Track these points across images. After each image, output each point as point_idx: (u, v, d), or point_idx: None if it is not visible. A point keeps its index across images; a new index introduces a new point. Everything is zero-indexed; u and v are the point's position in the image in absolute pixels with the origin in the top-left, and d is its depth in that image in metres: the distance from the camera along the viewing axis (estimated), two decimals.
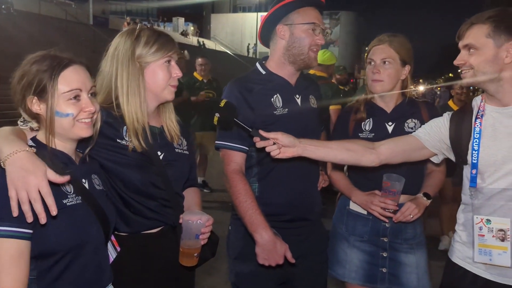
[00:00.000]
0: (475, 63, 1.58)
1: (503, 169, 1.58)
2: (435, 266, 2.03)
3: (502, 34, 1.54)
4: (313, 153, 1.70)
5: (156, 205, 1.64)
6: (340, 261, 2.13)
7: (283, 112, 1.88)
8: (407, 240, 2.06)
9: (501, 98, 1.61)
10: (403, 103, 2.11)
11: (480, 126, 1.66)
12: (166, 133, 1.73)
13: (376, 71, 2.04)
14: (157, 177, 1.64)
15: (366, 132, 2.09)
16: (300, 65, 1.92)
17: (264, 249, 1.75)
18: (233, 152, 1.86)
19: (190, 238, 1.56)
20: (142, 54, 1.62)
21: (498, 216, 1.59)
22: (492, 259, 1.59)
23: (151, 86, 1.64)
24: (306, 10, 1.89)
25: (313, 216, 2.01)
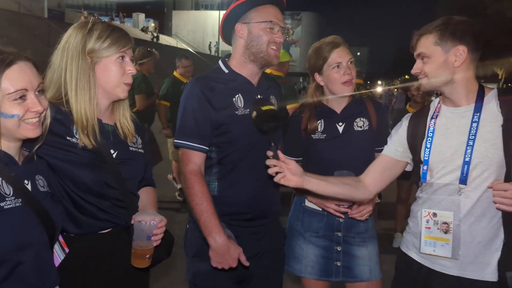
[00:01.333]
0: (428, 70, 1.68)
1: (450, 166, 1.68)
2: (390, 261, 2.12)
3: (448, 40, 1.63)
4: (315, 186, 1.73)
5: (108, 205, 1.60)
6: (296, 257, 2.16)
7: (244, 113, 1.87)
8: (359, 233, 2.13)
9: (455, 99, 1.71)
10: (351, 103, 2.17)
11: (434, 125, 1.76)
12: (119, 131, 1.68)
13: (349, 72, 2.07)
14: (110, 176, 1.59)
15: (318, 133, 2.13)
16: (261, 63, 1.91)
17: (218, 253, 1.74)
18: (192, 152, 1.83)
19: (142, 240, 1.53)
20: (94, 49, 1.56)
21: (442, 209, 1.68)
22: (436, 250, 1.69)
23: (102, 82, 1.59)
24: (264, 8, 1.88)
25: (272, 215, 2.02)
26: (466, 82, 1.67)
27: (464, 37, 1.63)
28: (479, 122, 1.63)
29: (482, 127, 1.63)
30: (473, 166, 1.62)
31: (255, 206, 1.93)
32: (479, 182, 1.62)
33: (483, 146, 1.61)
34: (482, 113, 1.64)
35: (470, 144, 1.63)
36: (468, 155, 1.63)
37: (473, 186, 1.63)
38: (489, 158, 1.60)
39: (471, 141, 1.63)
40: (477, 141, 1.62)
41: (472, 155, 1.62)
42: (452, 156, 1.68)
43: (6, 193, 1.26)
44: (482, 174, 1.61)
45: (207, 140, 1.84)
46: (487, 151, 1.60)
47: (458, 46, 1.63)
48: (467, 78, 1.67)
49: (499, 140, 1.59)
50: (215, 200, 1.84)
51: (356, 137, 2.11)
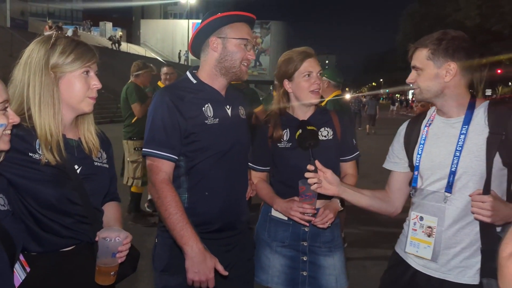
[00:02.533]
0: (420, 82, 1.77)
1: (438, 173, 1.76)
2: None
3: (441, 56, 1.71)
4: (350, 196, 1.89)
5: (71, 222, 1.57)
6: (263, 267, 2.18)
7: (214, 122, 1.89)
8: (325, 243, 2.17)
9: (446, 111, 1.79)
10: (316, 113, 2.23)
11: (426, 133, 1.85)
12: (84, 146, 1.66)
13: (318, 81, 2.13)
14: (73, 192, 1.57)
15: (284, 142, 2.17)
16: (232, 77, 1.94)
17: (194, 262, 1.72)
18: (162, 161, 1.82)
19: (107, 257, 1.51)
20: (57, 64, 1.55)
21: (429, 214, 1.77)
22: (419, 251, 1.79)
23: (66, 97, 1.58)
24: (239, 26, 1.92)
25: (241, 225, 2.03)
26: (457, 96, 1.74)
27: (456, 53, 1.69)
28: (466, 134, 1.70)
29: (469, 139, 1.69)
30: (458, 176, 1.69)
31: (226, 216, 1.94)
32: (463, 191, 1.69)
33: (468, 157, 1.68)
34: (471, 125, 1.71)
35: (457, 154, 1.70)
36: (454, 165, 1.70)
37: (458, 195, 1.70)
38: (472, 169, 1.67)
39: (458, 152, 1.70)
40: (463, 152, 1.69)
41: (458, 165, 1.69)
42: (440, 164, 1.76)
43: None
44: (467, 184, 1.68)
45: (177, 149, 1.84)
46: (472, 162, 1.67)
47: (449, 62, 1.70)
48: (457, 92, 1.74)
49: (483, 152, 1.65)
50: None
51: (321, 146, 2.14)
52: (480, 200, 1.55)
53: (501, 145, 1.63)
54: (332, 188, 1.81)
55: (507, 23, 28.55)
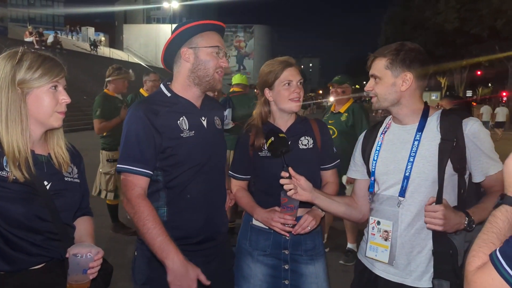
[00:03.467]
0: (378, 90, 1.83)
1: (392, 179, 1.81)
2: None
3: (398, 66, 1.78)
4: (322, 202, 1.95)
5: (41, 239, 1.53)
6: (245, 276, 2.16)
7: (189, 135, 1.87)
8: (307, 251, 2.15)
9: (401, 119, 1.86)
10: (296, 122, 2.23)
11: (382, 140, 1.91)
12: (53, 161, 1.62)
13: (298, 90, 2.13)
14: (43, 209, 1.52)
15: (265, 150, 2.16)
16: (206, 86, 1.93)
17: (177, 275, 1.69)
18: (137, 177, 1.80)
19: (78, 273, 1.48)
20: (24, 80, 1.51)
21: (385, 219, 1.81)
22: (377, 255, 1.83)
23: (35, 113, 1.54)
24: (209, 34, 1.92)
25: (221, 237, 2.01)
26: (411, 104, 1.82)
27: (412, 64, 1.77)
28: (420, 141, 1.77)
29: (422, 145, 1.76)
30: (411, 181, 1.75)
31: (206, 229, 1.92)
32: (416, 196, 1.74)
33: (421, 162, 1.74)
34: (424, 132, 1.78)
35: (410, 160, 1.76)
36: (408, 170, 1.76)
37: (411, 200, 1.75)
38: (425, 174, 1.72)
39: (411, 157, 1.76)
40: (417, 157, 1.75)
41: (412, 170, 1.75)
42: (394, 170, 1.81)
43: None
44: (420, 189, 1.74)
45: (151, 164, 1.82)
46: (424, 167, 1.73)
47: (406, 73, 1.77)
48: (412, 101, 1.82)
49: (435, 158, 1.72)
50: (164, 225, 1.80)
51: (301, 155, 2.15)
52: (432, 210, 1.60)
53: (452, 152, 1.70)
54: (306, 194, 1.86)
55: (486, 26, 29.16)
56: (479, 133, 1.72)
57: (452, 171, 1.71)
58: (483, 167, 1.71)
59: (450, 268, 1.63)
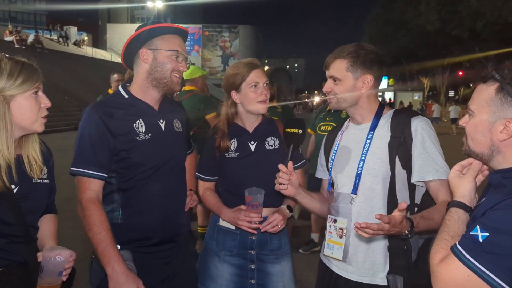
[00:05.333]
0: (338, 91, 1.85)
1: (346, 177, 1.85)
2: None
3: (359, 68, 1.81)
4: (303, 198, 1.96)
5: (4, 243, 1.53)
6: (212, 277, 2.19)
7: (145, 138, 1.88)
8: (272, 251, 2.19)
9: (357, 118, 1.90)
10: (262, 123, 2.26)
11: (340, 140, 1.95)
12: (25, 165, 1.62)
13: (265, 92, 2.16)
14: (8, 213, 1.52)
15: (232, 151, 2.19)
16: (163, 88, 1.93)
17: (117, 283, 1.70)
18: (89, 180, 1.80)
19: (52, 276, 1.50)
20: (5, 87, 1.52)
21: (340, 216, 1.85)
22: (333, 252, 1.86)
23: (18, 119, 1.55)
24: (170, 37, 1.92)
25: (180, 237, 2.03)
26: (368, 104, 1.86)
27: (372, 66, 1.81)
28: (372, 139, 1.81)
29: (373, 143, 1.80)
30: (363, 178, 1.79)
31: (164, 230, 1.93)
32: (368, 192, 1.79)
33: (372, 159, 1.79)
34: (376, 130, 1.82)
35: (362, 158, 1.81)
36: (360, 168, 1.80)
37: (363, 197, 1.79)
38: (375, 171, 1.77)
39: (363, 155, 1.81)
40: (368, 155, 1.80)
41: (363, 168, 1.79)
42: (348, 168, 1.86)
43: None
44: (371, 185, 1.78)
45: (106, 167, 1.82)
46: (374, 164, 1.78)
47: (366, 75, 1.80)
48: (369, 101, 1.86)
49: (385, 155, 1.76)
50: (119, 227, 1.83)
51: (267, 155, 2.18)
52: (381, 228, 1.45)
53: (400, 148, 1.75)
54: (292, 189, 1.86)
55: (466, 27, 29.69)
56: (423, 130, 1.74)
57: (400, 168, 1.75)
58: (421, 168, 1.72)
59: (404, 264, 1.67)
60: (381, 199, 1.76)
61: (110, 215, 1.85)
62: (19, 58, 1.62)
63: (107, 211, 1.83)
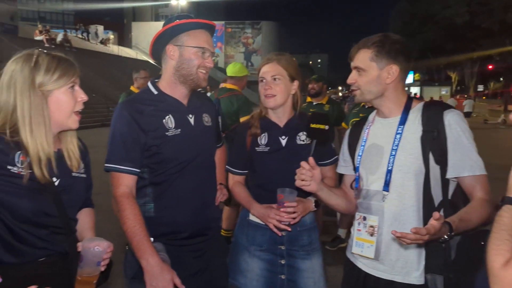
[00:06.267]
0: (362, 83, 1.80)
1: (376, 173, 1.81)
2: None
3: (384, 58, 1.75)
4: (324, 194, 1.90)
5: (46, 233, 1.58)
6: (242, 271, 2.21)
7: (175, 133, 1.90)
8: (303, 246, 2.19)
9: (384, 111, 1.85)
10: (294, 117, 2.25)
11: (367, 135, 1.90)
12: (65, 158, 1.67)
13: (268, 87, 2.15)
14: (50, 205, 1.58)
15: (262, 145, 2.20)
16: (190, 85, 1.95)
17: (151, 275, 1.74)
18: (123, 175, 1.84)
19: (91, 266, 1.54)
20: (43, 82, 1.55)
21: (371, 214, 1.81)
22: (363, 250, 1.83)
23: (55, 114, 1.59)
24: (197, 33, 1.92)
25: (211, 231, 2.05)
26: (395, 97, 1.81)
27: (398, 57, 1.75)
28: (402, 134, 1.76)
29: (404, 138, 1.75)
30: (394, 174, 1.74)
31: (194, 224, 1.96)
32: (400, 189, 1.74)
33: (403, 155, 1.73)
34: (406, 125, 1.77)
35: (392, 154, 1.76)
36: (390, 164, 1.75)
37: (395, 193, 1.75)
38: (407, 167, 1.72)
39: (394, 150, 1.76)
40: (399, 150, 1.75)
41: (394, 164, 1.74)
42: (378, 164, 1.81)
43: None
44: (403, 182, 1.73)
45: (137, 162, 1.86)
46: (406, 160, 1.72)
47: (391, 65, 1.75)
48: (396, 93, 1.80)
49: (417, 150, 1.71)
50: (152, 221, 1.86)
51: (298, 151, 2.17)
52: (419, 238, 1.42)
53: (433, 143, 1.69)
54: (314, 185, 1.82)
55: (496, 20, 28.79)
56: (457, 124, 1.69)
57: (434, 164, 1.69)
58: (456, 163, 1.67)
59: (443, 263, 1.62)
60: (413, 195, 1.72)
61: (143, 208, 1.89)
62: (55, 53, 1.65)
63: (140, 204, 1.87)
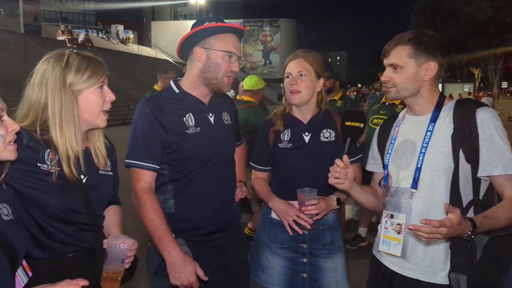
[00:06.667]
0: (398, 80, 1.77)
1: (405, 171, 1.79)
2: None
3: (422, 54, 1.73)
4: (355, 192, 1.90)
5: (74, 230, 1.62)
6: (263, 268, 2.21)
7: (195, 131, 1.93)
8: (325, 245, 2.18)
9: (416, 109, 1.82)
10: (318, 114, 2.24)
11: (396, 133, 1.88)
12: (92, 156, 1.71)
13: (294, 82, 2.15)
14: (78, 202, 1.61)
15: (285, 142, 2.20)
16: (213, 88, 1.97)
17: (173, 267, 1.77)
18: (143, 171, 1.88)
19: (116, 263, 1.57)
20: (74, 82, 1.58)
21: (398, 212, 1.79)
22: (390, 248, 1.81)
23: (84, 113, 1.63)
24: (225, 37, 1.93)
25: (231, 228, 2.07)
26: (429, 95, 1.78)
27: (436, 53, 1.73)
28: (432, 132, 1.73)
29: (435, 136, 1.73)
30: (423, 172, 1.72)
31: (214, 220, 1.98)
32: (429, 187, 1.71)
33: (433, 153, 1.71)
34: (437, 123, 1.74)
35: (422, 151, 1.73)
36: (420, 161, 1.73)
37: (423, 191, 1.73)
38: (437, 164, 1.70)
39: (424, 148, 1.73)
40: (429, 148, 1.72)
41: (423, 161, 1.72)
42: (407, 162, 1.79)
43: None
44: (432, 180, 1.71)
45: (158, 159, 1.89)
46: (436, 158, 1.70)
47: (430, 62, 1.73)
48: (430, 91, 1.78)
49: (447, 148, 1.68)
50: (172, 217, 1.89)
51: (322, 148, 2.17)
52: (437, 232, 1.42)
53: (464, 141, 1.66)
54: (347, 183, 1.81)
55: None
56: (490, 122, 1.65)
57: (464, 162, 1.66)
58: (488, 162, 1.64)
59: (467, 262, 1.60)
60: (443, 194, 1.69)
61: (164, 205, 1.92)
62: (85, 53, 1.68)
63: (160, 201, 1.89)
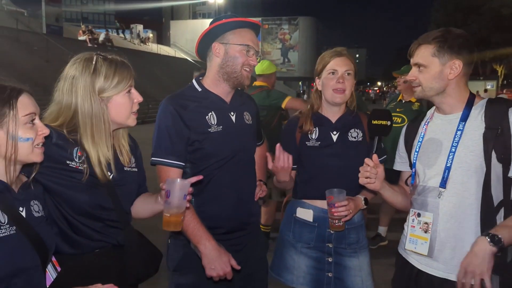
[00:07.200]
0: (423, 79, 1.76)
1: (434, 170, 1.77)
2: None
3: (446, 53, 1.71)
4: (386, 192, 1.89)
5: (101, 226, 1.65)
6: (288, 267, 2.20)
7: (217, 130, 1.95)
8: (350, 244, 2.16)
9: (445, 108, 1.80)
10: (346, 113, 2.22)
11: (425, 131, 1.87)
12: (117, 154, 1.73)
13: (342, 80, 2.11)
14: (106, 199, 1.64)
15: (313, 140, 2.18)
16: (234, 82, 1.98)
17: (209, 259, 1.80)
18: (169, 169, 1.90)
19: (179, 199, 1.56)
20: (104, 88, 1.59)
21: (425, 210, 1.78)
22: (417, 247, 1.80)
23: (114, 117, 1.65)
24: (242, 32, 1.96)
25: (250, 226, 2.08)
26: (457, 93, 1.76)
27: (461, 51, 1.71)
28: (463, 130, 1.71)
29: (465, 135, 1.70)
30: (453, 171, 1.70)
31: (234, 219, 2.00)
32: (458, 186, 1.70)
33: (463, 152, 1.69)
34: (468, 121, 1.72)
35: (452, 150, 1.71)
36: (449, 160, 1.71)
37: (452, 190, 1.71)
38: (467, 164, 1.67)
39: (453, 147, 1.71)
40: (459, 147, 1.70)
41: (453, 160, 1.70)
42: (436, 160, 1.77)
43: (1, 221, 1.30)
44: (462, 179, 1.69)
45: (183, 156, 1.91)
46: (466, 157, 1.68)
47: (454, 60, 1.71)
48: (458, 89, 1.76)
49: (479, 147, 1.66)
50: None
51: (349, 147, 2.15)
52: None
53: (496, 140, 1.63)
54: (378, 183, 1.80)
55: None
56: None
57: (496, 161, 1.64)
58: None
59: (498, 263, 1.57)
60: (473, 193, 1.67)
61: None
62: (112, 56, 1.68)
63: None
